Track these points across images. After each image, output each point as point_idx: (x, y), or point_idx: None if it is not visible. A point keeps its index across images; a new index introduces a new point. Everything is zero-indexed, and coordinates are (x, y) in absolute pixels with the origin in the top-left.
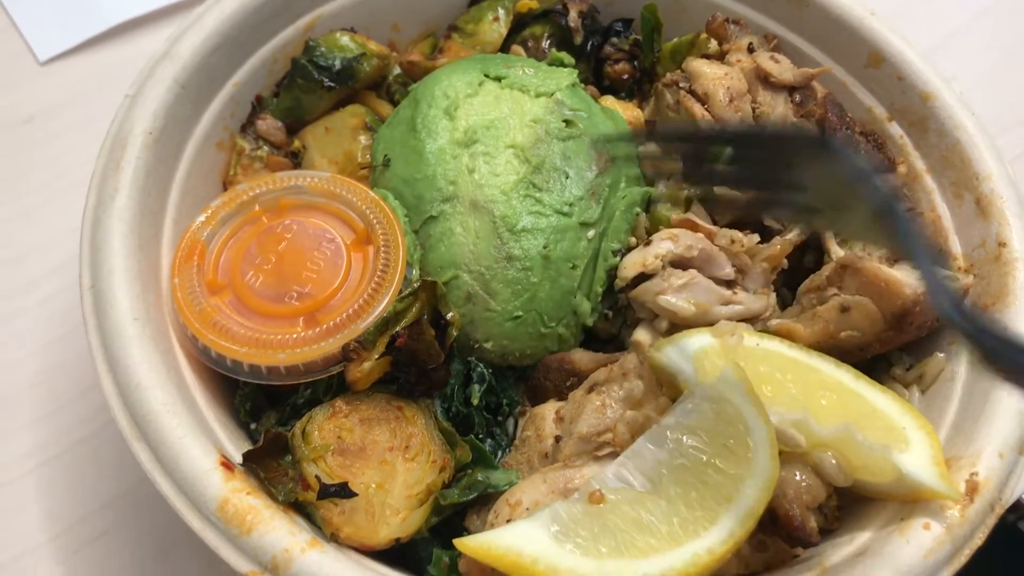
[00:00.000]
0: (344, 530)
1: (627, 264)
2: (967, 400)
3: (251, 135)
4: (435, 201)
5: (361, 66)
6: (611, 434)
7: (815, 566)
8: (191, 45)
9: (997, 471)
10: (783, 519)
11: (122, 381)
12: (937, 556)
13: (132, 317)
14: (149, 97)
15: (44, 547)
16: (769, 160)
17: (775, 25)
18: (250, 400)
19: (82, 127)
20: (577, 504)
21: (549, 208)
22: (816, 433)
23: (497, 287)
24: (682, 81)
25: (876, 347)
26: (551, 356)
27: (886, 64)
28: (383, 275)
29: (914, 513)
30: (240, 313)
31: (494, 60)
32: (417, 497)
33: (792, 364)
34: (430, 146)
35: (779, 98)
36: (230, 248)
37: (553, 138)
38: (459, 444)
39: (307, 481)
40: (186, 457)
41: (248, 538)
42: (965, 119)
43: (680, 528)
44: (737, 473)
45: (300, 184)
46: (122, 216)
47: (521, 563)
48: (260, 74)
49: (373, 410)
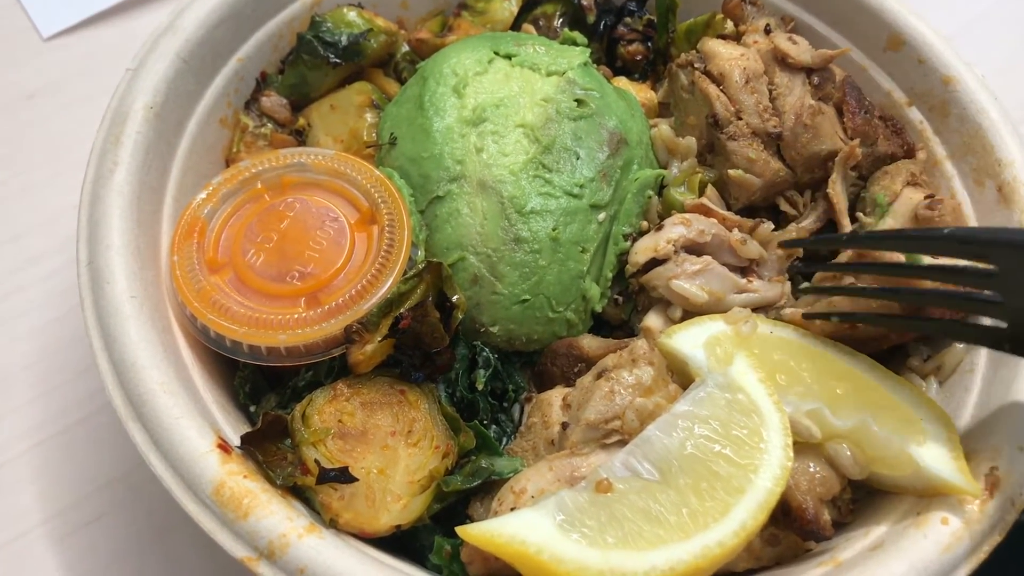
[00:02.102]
0: (343, 516)
1: (639, 249)
2: (987, 392)
3: (255, 112)
4: (442, 181)
5: (368, 42)
6: (619, 421)
7: (828, 560)
8: (195, 18)
9: (1018, 466)
10: (796, 512)
11: (118, 360)
12: (955, 552)
13: (130, 295)
14: (151, 71)
15: (38, 529)
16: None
17: (792, 6)
18: (250, 382)
19: (85, 103)
20: (584, 493)
21: (559, 189)
22: (831, 424)
23: (504, 270)
24: (697, 62)
25: (892, 337)
26: (558, 341)
27: (906, 47)
28: (387, 255)
29: (931, 507)
30: (240, 292)
31: (504, 38)
32: (419, 483)
33: (807, 353)
34: (437, 124)
35: (796, 80)
36: (231, 226)
37: (564, 118)
38: (463, 430)
39: (306, 465)
40: (182, 439)
41: (244, 522)
42: (988, 104)
43: (690, 519)
44: (749, 464)
45: (303, 161)
46: (121, 191)
47: (525, 552)
48: (265, 49)
49: (375, 394)
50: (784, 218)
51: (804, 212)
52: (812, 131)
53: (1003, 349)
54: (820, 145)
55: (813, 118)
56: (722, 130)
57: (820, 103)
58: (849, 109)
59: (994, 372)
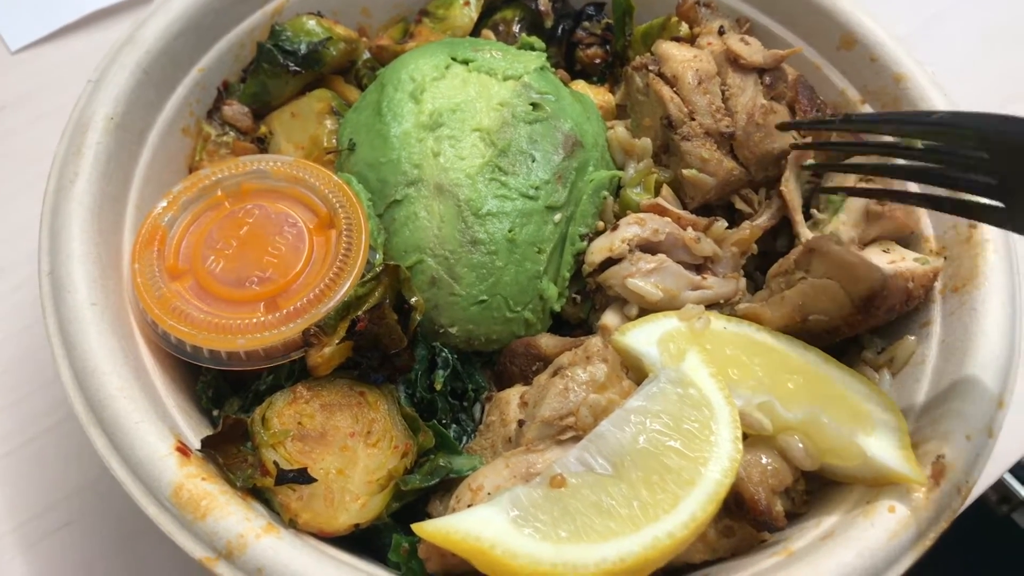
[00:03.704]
0: (302, 516)
1: (594, 249)
2: (936, 382)
3: (217, 121)
4: (399, 185)
5: (327, 50)
6: (574, 418)
7: (781, 551)
8: (155, 30)
9: (964, 454)
10: (748, 503)
11: (79, 367)
12: (901, 539)
13: (90, 302)
14: (111, 83)
15: (6, 537)
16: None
17: (747, 7)
18: (212, 387)
19: (53, 116)
20: (538, 488)
21: (515, 192)
22: (782, 416)
23: (462, 271)
24: (651, 64)
25: (845, 331)
26: (517, 341)
27: (859, 46)
28: (345, 259)
29: (880, 496)
30: (200, 298)
31: (462, 44)
32: (378, 483)
33: (759, 347)
34: (395, 130)
35: (748, 80)
36: (191, 233)
37: (520, 121)
38: (422, 429)
39: (266, 467)
40: (141, 443)
41: (203, 523)
42: (938, 100)
43: (640, 512)
44: (699, 456)
45: (263, 168)
46: (81, 201)
47: (480, 548)
48: (227, 59)
49: (335, 396)
50: (740, 216)
51: (759, 210)
52: (764, 130)
53: (1006, 227)
54: (772, 144)
55: (765, 117)
56: (676, 131)
57: (772, 102)
58: (801, 108)
59: (944, 363)
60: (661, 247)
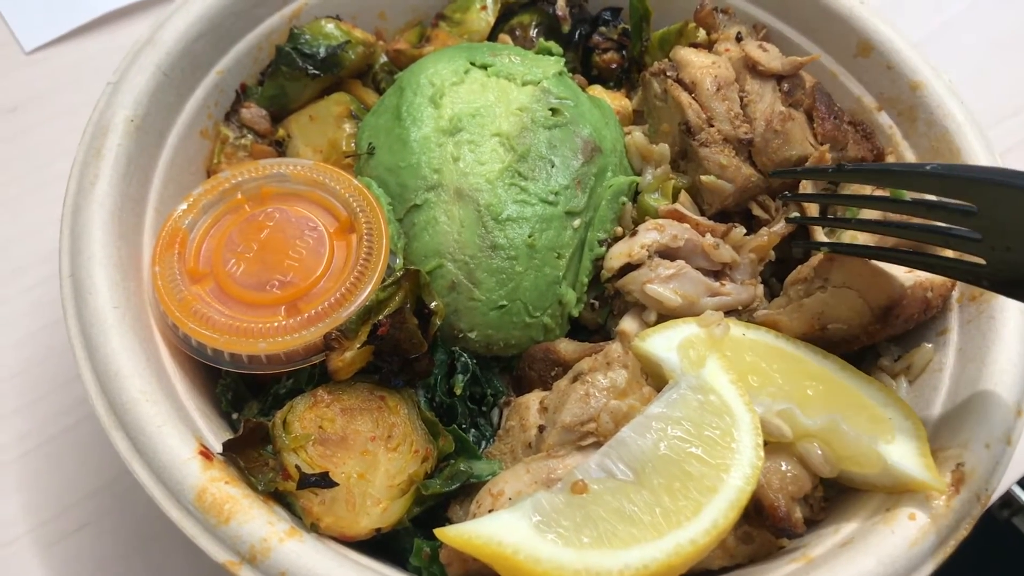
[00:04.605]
0: (324, 520)
1: (613, 254)
2: (955, 390)
3: (235, 123)
4: (419, 189)
5: (346, 54)
6: (594, 424)
7: (800, 557)
8: (175, 31)
9: (984, 462)
10: (768, 510)
11: (100, 370)
12: (922, 546)
13: (112, 305)
14: (131, 84)
15: (23, 539)
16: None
17: (764, 14)
18: (232, 390)
19: (67, 117)
20: (560, 494)
21: (534, 197)
22: (802, 423)
23: (481, 276)
24: (669, 70)
25: (863, 339)
26: (536, 346)
27: (875, 53)
28: (366, 264)
29: (900, 503)
30: (221, 302)
31: (480, 48)
32: (399, 487)
33: (778, 354)
34: (415, 134)
35: (767, 87)
36: (212, 236)
37: (539, 126)
38: (442, 434)
39: (287, 471)
40: (164, 446)
41: (226, 527)
42: (954, 108)
43: (663, 518)
44: (721, 463)
45: (283, 172)
46: (102, 204)
47: (502, 553)
48: (245, 62)
49: (355, 400)
50: (757, 222)
51: (776, 216)
52: (782, 137)
53: (981, 285)
54: (790, 150)
55: (783, 124)
56: (694, 137)
57: (790, 109)
58: (819, 115)
59: (962, 370)
60: (680, 253)
